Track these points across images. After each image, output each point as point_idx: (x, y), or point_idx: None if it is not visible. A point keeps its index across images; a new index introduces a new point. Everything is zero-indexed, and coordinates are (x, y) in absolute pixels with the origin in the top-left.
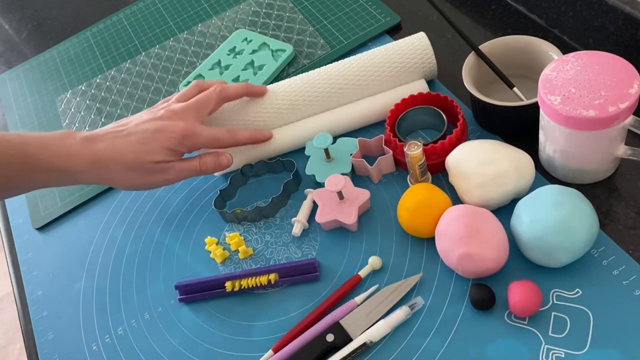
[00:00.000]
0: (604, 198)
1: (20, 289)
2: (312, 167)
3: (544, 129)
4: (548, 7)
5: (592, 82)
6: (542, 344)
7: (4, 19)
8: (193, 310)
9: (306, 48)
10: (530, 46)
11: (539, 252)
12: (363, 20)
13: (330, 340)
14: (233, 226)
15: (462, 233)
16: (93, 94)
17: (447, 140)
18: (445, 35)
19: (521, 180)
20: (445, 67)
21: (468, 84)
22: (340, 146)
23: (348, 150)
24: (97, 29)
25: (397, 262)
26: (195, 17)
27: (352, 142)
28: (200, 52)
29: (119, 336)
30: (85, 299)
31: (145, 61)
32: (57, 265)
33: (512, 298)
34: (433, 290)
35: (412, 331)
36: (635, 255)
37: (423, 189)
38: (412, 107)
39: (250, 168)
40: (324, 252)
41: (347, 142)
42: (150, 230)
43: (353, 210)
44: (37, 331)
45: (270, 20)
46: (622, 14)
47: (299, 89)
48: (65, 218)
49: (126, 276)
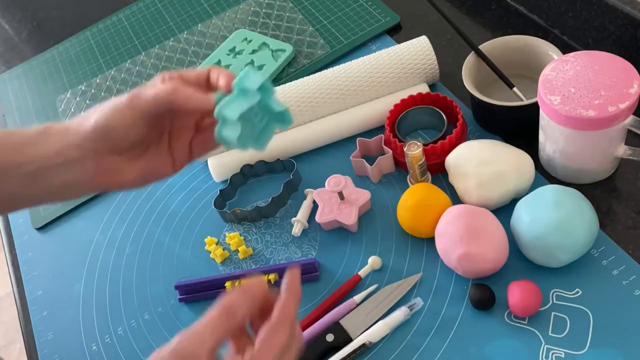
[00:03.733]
0: (604, 198)
1: (20, 289)
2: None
3: (544, 129)
4: (548, 7)
5: (592, 82)
6: (542, 343)
7: (4, 19)
8: (193, 310)
9: (306, 48)
10: (530, 46)
11: (539, 252)
12: (363, 20)
13: (330, 340)
14: (233, 226)
15: (462, 233)
16: (93, 94)
17: (447, 140)
18: (445, 35)
19: (521, 180)
20: (445, 67)
21: (468, 84)
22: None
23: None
24: (97, 29)
25: (397, 262)
26: (195, 17)
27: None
28: (200, 52)
29: (119, 336)
30: (85, 299)
31: (145, 61)
32: (57, 265)
33: (512, 298)
34: (433, 290)
35: (412, 331)
36: (635, 255)
37: (423, 189)
38: (412, 107)
39: (250, 168)
40: (324, 252)
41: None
42: (150, 230)
43: (353, 210)
44: (37, 331)
45: (270, 20)
46: (622, 14)
47: (300, 94)
48: (65, 218)
49: (126, 276)
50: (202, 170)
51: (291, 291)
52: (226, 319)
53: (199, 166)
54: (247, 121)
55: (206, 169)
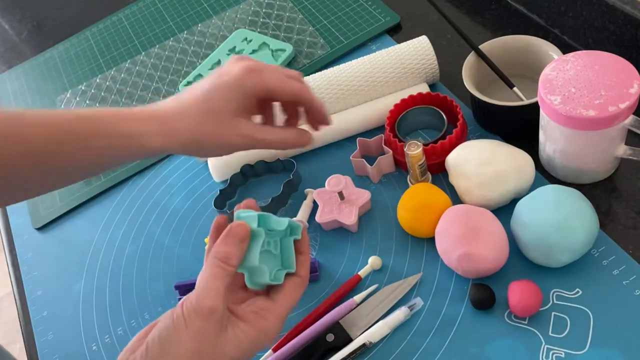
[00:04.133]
0: (604, 198)
1: (20, 289)
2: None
3: (544, 129)
4: (548, 7)
5: (592, 82)
6: (542, 343)
7: (4, 19)
8: None
9: (306, 48)
10: (530, 46)
11: (539, 252)
12: (363, 20)
13: (330, 340)
14: None
15: (462, 233)
16: (93, 94)
17: (447, 140)
18: (445, 35)
19: (521, 180)
20: (445, 67)
21: (468, 84)
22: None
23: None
24: (97, 29)
25: (397, 262)
26: (195, 17)
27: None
28: (200, 52)
29: (119, 336)
30: (85, 299)
31: (145, 61)
32: (57, 265)
33: (512, 298)
34: (433, 290)
35: (412, 331)
36: (635, 255)
37: (423, 189)
38: (412, 107)
39: (250, 168)
40: (324, 252)
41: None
42: (150, 230)
43: (353, 210)
44: (37, 331)
45: (270, 20)
46: (622, 14)
47: None
48: (65, 218)
49: (126, 276)
50: (202, 170)
51: (307, 251)
52: (224, 271)
53: (199, 166)
54: (266, 255)
55: (206, 169)
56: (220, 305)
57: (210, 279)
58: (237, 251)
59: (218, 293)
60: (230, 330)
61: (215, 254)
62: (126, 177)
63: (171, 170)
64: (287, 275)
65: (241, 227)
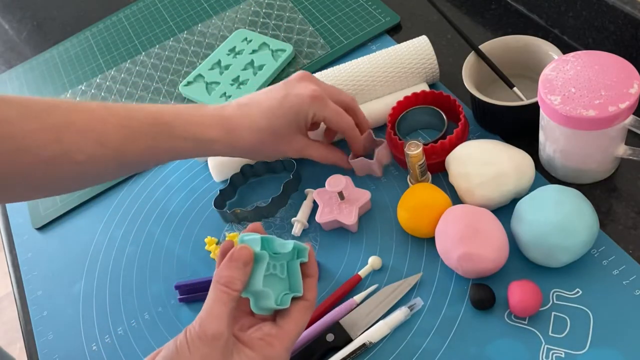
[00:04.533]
0: (604, 198)
1: (20, 289)
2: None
3: (544, 129)
4: (548, 7)
5: (592, 82)
6: (542, 343)
7: (4, 19)
8: (193, 310)
9: (306, 48)
10: (530, 46)
11: (539, 252)
12: (363, 20)
13: (330, 340)
14: (233, 226)
15: (462, 233)
16: (93, 94)
17: (447, 140)
18: (445, 35)
19: (521, 180)
20: (445, 67)
21: (468, 84)
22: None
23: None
24: (97, 29)
25: (397, 262)
26: (195, 17)
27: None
28: (200, 52)
29: (119, 336)
30: (85, 299)
31: (145, 61)
32: (57, 265)
33: (512, 298)
34: (433, 290)
35: (412, 331)
36: (635, 255)
37: (423, 189)
38: (412, 107)
39: (250, 168)
40: (324, 252)
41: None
42: (150, 230)
43: (353, 210)
44: (37, 331)
45: (270, 20)
46: (622, 14)
47: None
48: (65, 218)
49: (126, 276)
50: (202, 170)
51: (315, 274)
52: (227, 295)
53: (199, 166)
54: (272, 279)
55: (206, 169)
56: (225, 331)
57: (214, 304)
58: (241, 275)
59: (222, 318)
60: (236, 356)
61: (218, 279)
62: (126, 177)
63: (171, 170)
64: (294, 299)
65: (244, 251)
